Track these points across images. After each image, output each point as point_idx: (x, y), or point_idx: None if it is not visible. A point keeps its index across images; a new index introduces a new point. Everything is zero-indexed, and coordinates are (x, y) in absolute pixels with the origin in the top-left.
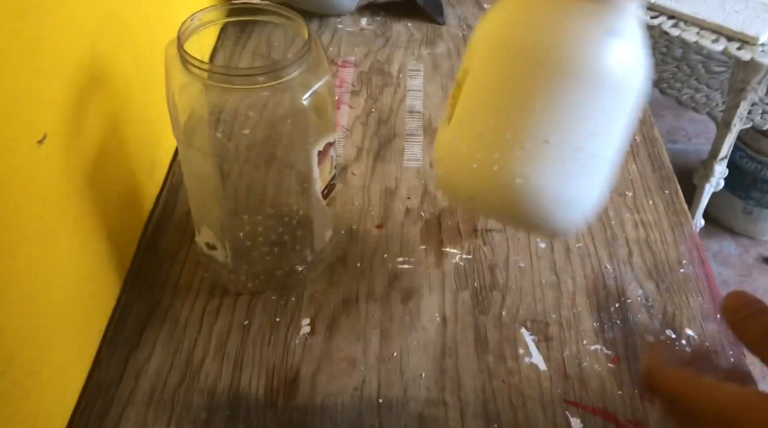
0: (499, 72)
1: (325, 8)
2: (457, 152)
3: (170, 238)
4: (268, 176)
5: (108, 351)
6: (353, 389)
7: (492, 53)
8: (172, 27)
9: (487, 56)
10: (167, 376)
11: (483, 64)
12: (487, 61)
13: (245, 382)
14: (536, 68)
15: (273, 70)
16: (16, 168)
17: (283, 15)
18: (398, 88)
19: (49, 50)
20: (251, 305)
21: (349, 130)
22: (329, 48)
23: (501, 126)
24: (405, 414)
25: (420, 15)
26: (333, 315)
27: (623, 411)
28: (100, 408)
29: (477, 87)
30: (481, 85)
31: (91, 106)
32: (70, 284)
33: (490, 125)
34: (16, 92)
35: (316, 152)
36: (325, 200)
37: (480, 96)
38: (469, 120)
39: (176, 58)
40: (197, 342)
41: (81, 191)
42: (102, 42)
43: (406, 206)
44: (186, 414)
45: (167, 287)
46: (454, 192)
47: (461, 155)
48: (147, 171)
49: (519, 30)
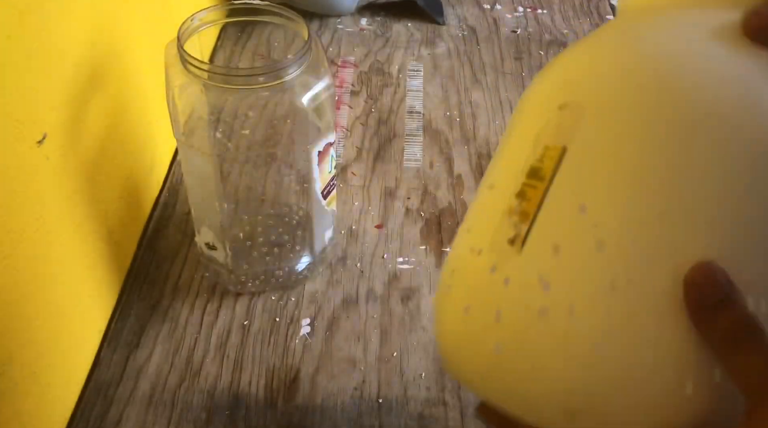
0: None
1: (325, 8)
2: (546, 326)
3: (170, 238)
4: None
5: (108, 351)
6: (353, 389)
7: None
8: (172, 27)
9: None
10: (167, 376)
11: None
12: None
13: (245, 382)
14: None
15: (273, 71)
16: (16, 168)
17: (283, 15)
18: (398, 88)
19: (49, 50)
20: (251, 305)
21: (349, 130)
22: (329, 48)
23: None
24: (405, 414)
25: (420, 15)
26: (333, 315)
27: None
28: (100, 408)
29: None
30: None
31: (91, 106)
32: (70, 284)
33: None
34: (16, 92)
35: (316, 152)
36: (325, 200)
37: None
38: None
39: (176, 58)
40: (197, 342)
41: (81, 191)
42: (102, 42)
43: (406, 206)
44: (186, 414)
45: (167, 287)
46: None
47: (563, 336)
48: (147, 171)
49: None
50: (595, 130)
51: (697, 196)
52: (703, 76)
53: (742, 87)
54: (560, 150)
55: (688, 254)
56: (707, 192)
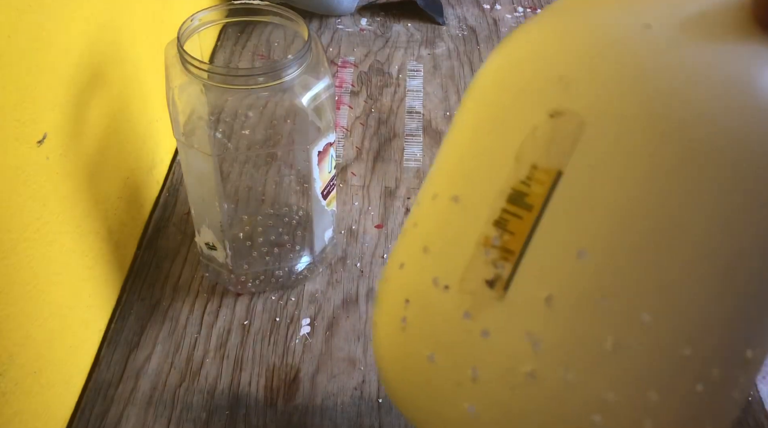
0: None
1: (325, 8)
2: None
3: (170, 238)
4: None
5: (108, 351)
6: (353, 389)
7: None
8: (172, 27)
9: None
10: (167, 376)
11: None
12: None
13: (245, 382)
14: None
15: (273, 71)
16: (16, 168)
17: (283, 15)
18: (398, 88)
19: (49, 50)
20: (251, 305)
21: (349, 130)
22: (329, 48)
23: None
24: None
25: (420, 15)
26: (333, 315)
27: None
28: (100, 408)
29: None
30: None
31: (91, 106)
32: (70, 284)
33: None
34: (16, 92)
35: (316, 152)
36: (325, 200)
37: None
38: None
39: (176, 58)
40: (197, 342)
41: (81, 191)
42: (102, 42)
43: (406, 206)
44: (186, 414)
45: (167, 287)
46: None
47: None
48: (147, 171)
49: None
50: (600, 155)
51: (718, 253)
52: (730, 100)
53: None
54: (554, 175)
55: (699, 322)
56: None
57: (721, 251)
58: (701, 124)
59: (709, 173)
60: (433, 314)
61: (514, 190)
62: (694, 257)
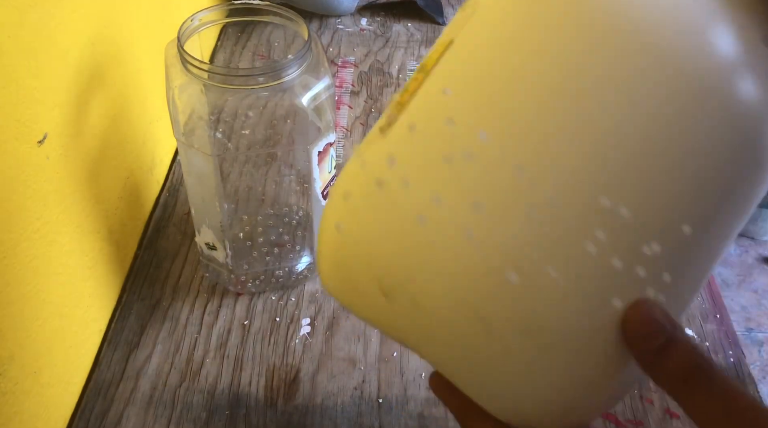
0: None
1: (325, 8)
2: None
3: (170, 238)
4: (268, 176)
5: (108, 351)
6: (353, 389)
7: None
8: (172, 27)
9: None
10: (167, 376)
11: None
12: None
13: (245, 382)
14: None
15: (273, 71)
16: (16, 168)
17: (283, 15)
18: (398, 88)
19: (49, 50)
20: (251, 305)
21: (349, 130)
22: (329, 48)
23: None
24: (405, 414)
25: (420, 15)
26: (333, 315)
27: (623, 410)
28: (100, 408)
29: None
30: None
31: (91, 106)
32: (70, 284)
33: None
34: (16, 92)
35: (316, 152)
36: (325, 200)
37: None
38: (459, 136)
39: (176, 58)
40: (197, 342)
41: (81, 191)
42: (102, 42)
43: None
44: (186, 413)
45: (167, 287)
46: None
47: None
48: (147, 171)
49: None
50: (480, 21)
51: (582, 112)
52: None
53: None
54: (446, 44)
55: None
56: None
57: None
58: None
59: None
60: (344, 172)
61: (421, 62)
62: (540, 112)
